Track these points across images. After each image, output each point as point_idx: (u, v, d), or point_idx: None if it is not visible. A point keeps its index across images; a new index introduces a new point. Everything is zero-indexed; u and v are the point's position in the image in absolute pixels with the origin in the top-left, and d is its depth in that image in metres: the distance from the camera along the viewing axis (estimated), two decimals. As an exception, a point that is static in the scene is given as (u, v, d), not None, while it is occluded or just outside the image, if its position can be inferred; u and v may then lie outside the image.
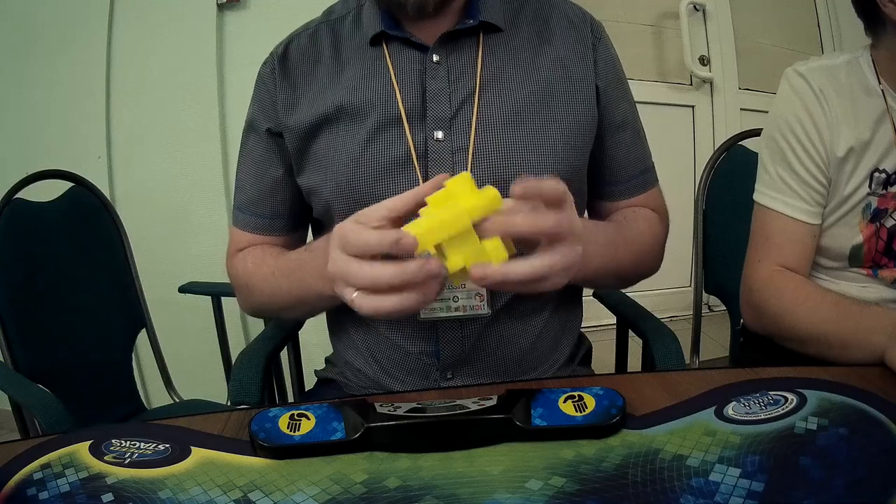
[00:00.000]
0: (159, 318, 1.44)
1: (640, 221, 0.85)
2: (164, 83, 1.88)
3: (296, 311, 0.84)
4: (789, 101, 0.87)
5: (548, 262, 0.57)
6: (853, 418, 0.56)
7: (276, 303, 0.83)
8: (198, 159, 1.91)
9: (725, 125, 2.59)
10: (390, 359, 0.84)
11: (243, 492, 0.53)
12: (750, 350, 1.00)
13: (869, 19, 0.85)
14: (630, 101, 0.87)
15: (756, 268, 0.89)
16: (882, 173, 0.84)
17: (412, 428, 0.57)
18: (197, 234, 1.94)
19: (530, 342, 0.83)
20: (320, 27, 0.85)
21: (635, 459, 0.54)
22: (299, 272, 0.77)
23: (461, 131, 0.78)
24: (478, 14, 0.79)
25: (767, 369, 0.67)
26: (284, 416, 0.60)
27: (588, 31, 0.83)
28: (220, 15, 1.87)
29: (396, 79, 0.79)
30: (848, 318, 0.78)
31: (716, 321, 1.77)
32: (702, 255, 1.26)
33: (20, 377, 1.05)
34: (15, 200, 1.18)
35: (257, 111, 0.85)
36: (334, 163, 0.79)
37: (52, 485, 0.54)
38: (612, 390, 0.61)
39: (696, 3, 2.49)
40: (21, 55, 1.86)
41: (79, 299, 1.27)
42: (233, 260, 0.89)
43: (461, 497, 0.51)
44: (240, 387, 0.91)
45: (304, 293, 0.77)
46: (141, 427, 0.64)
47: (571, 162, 0.80)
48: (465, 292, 0.77)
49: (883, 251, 0.86)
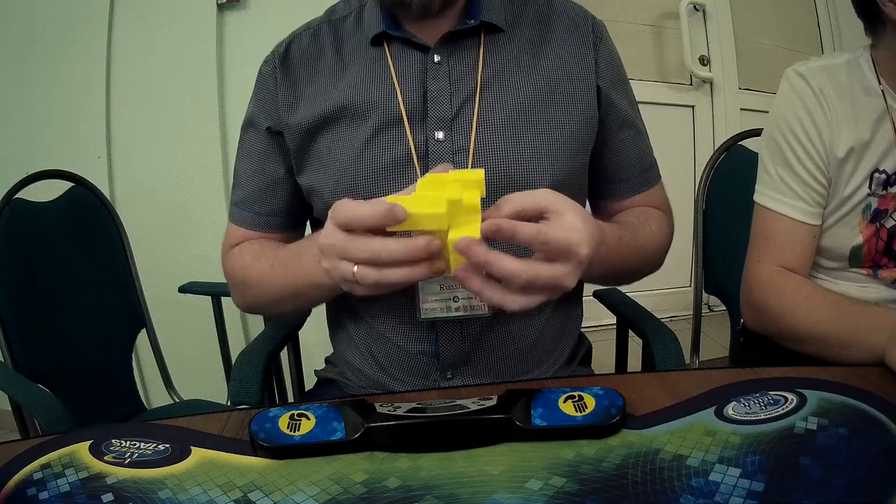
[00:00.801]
0: (159, 318, 1.44)
1: (652, 222, 0.85)
2: (164, 83, 1.88)
3: (290, 304, 0.84)
4: (789, 102, 0.87)
5: (533, 270, 0.58)
6: (853, 418, 0.56)
7: (271, 295, 0.82)
8: (198, 159, 1.91)
9: (725, 125, 2.59)
10: (390, 359, 0.84)
11: (243, 492, 0.53)
12: (750, 350, 1.00)
13: (869, 19, 0.85)
14: (631, 100, 0.87)
15: (756, 268, 0.89)
16: (882, 174, 0.84)
17: (412, 428, 0.57)
18: (197, 234, 1.94)
19: (530, 342, 0.83)
20: (322, 27, 0.85)
21: (635, 459, 0.54)
22: (297, 259, 0.77)
23: (462, 132, 0.78)
24: (479, 14, 0.79)
25: (767, 369, 0.67)
26: (284, 416, 0.60)
27: (589, 31, 0.83)
28: (220, 15, 1.87)
29: (397, 79, 0.79)
30: (848, 318, 0.78)
31: (716, 321, 1.77)
32: (702, 255, 1.26)
33: (20, 377, 1.05)
34: (15, 200, 1.18)
35: (257, 109, 0.85)
36: (335, 163, 0.79)
37: (52, 485, 0.54)
38: (612, 390, 0.61)
39: (696, 3, 2.49)
40: (21, 55, 1.86)
41: (79, 299, 1.27)
42: (229, 255, 0.88)
43: (461, 497, 0.51)
44: (240, 387, 0.91)
45: (300, 282, 0.77)
46: (141, 427, 0.64)
47: (572, 162, 0.80)
48: (465, 292, 0.77)
49: (883, 251, 0.86)
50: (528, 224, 0.57)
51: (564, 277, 0.59)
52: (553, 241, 0.58)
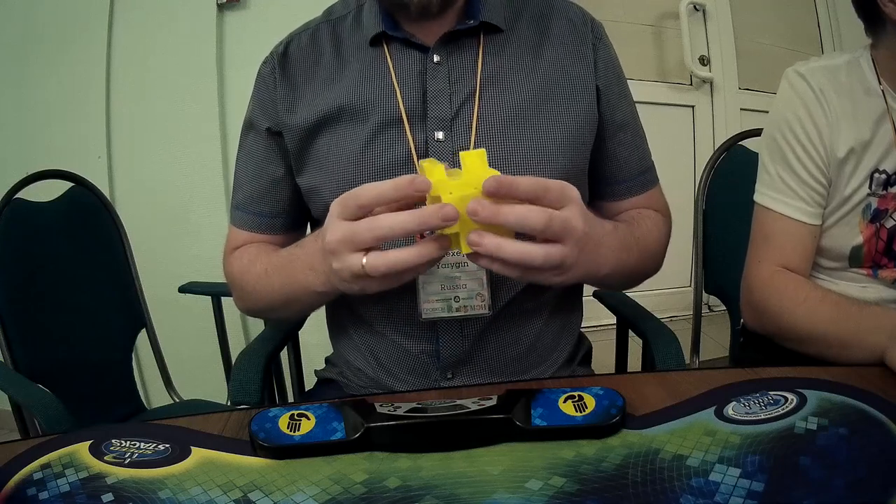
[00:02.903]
0: (159, 318, 1.44)
1: (650, 224, 0.85)
2: (164, 83, 1.88)
3: (286, 310, 0.83)
4: (789, 102, 0.87)
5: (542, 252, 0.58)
6: (853, 418, 0.56)
7: (266, 300, 0.82)
8: (198, 159, 1.91)
9: (725, 125, 2.59)
10: (391, 358, 0.84)
11: (243, 492, 0.53)
12: (750, 350, 1.00)
13: (869, 19, 0.85)
14: (630, 101, 0.87)
15: (756, 268, 0.89)
16: (882, 174, 0.84)
17: (412, 428, 0.57)
18: (197, 234, 1.94)
19: (530, 342, 0.83)
20: (321, 27, 0.85)
21: (635, 459, 0.54)
22: (289, 267, 0.76)
23: (462, 132, 0.78)
24: (478, 14, 0.79)
25: (767, 369, 0.67)
26: (284, 416, 0.60)
27: (588, 32, 0.83)
28: (220, 15, 1.87)
29: (397, 79, 0.79)
30: (848, 318, 0.78)
31: (716, 321, 1.77)
32: (702, 255, 1.26)
33: (20, 377, 1.05)
34: (15, 200, 1.18)
35: (257, 110, 0.85)
36: (334, 163, 0.79)
37: (52, 485, 0.54)
38: (612, 390, 0.61)
39: (696, 3, 2.49)
40: (21, 55, 1.86)
41: (79, 299, 1.27)
42: (229, 258, 0.88)
43: (461, 497, 0.51)
44: (240, 387, 0.91)
45: (293, 289, 0.76)
46: (141, 427, 0.64)
47: (572, 162, 0.80)
48: (465, 292, 0.77)
49: (883, 251, 0.86)
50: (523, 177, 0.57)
51: (573, 218, 0.59)
52: (551, 185, 0.58)
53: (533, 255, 0.58)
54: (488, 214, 0.55)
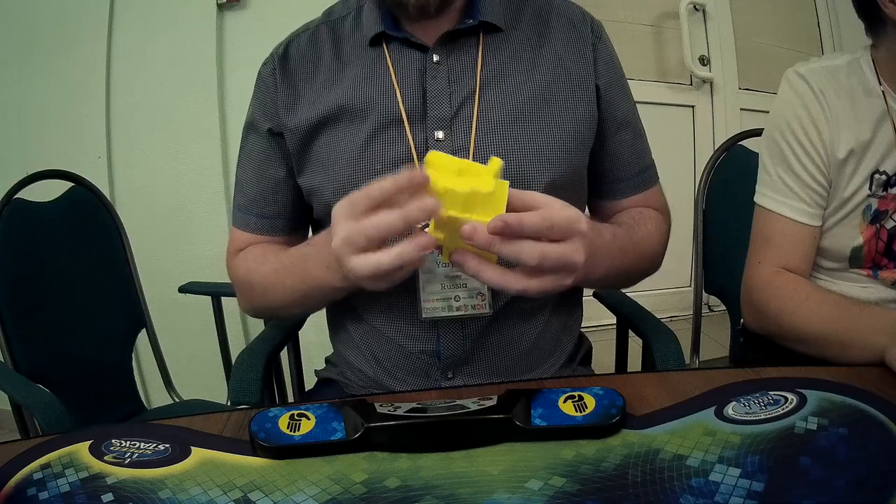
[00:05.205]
0: (159, 318, 1.44)
1: (650, 226, 0.85)
2: (164, 83, 1.88)
3: (299, 308, 0.84)
4: (789, 102, 0.87)
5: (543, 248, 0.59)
6: (853, 418, 0.56)
7: (278, 300, 0.83)
8: (198, 159, 1.91)
9: (725, 125, 2.59)
10: (391, 358, 0.84)
11: (243, 492, 0.53)
12: (750, 350, 1.00)
13: (869, 20, 0.85)
14: (630, 100, 0.87)
15: (757, 269, 0.89)
16: (882, 175, 0.84)
17: (412, 428, 0.57)
18: (197, 234, 1.94)
19: (531, 342, 0.83)
20: (320, 27, 0.85)
21: (635, 459, 0.54)
22: (302, 265, 0.77)
23: (461, 131, 0.78)
24: (478, 14, 0.79)
25: (767, 369, 0.67)
26: (284, 416, 0.60)
27: (588, 31, 0.83)
28: (220, 15, 1.87)
29: (397, 79, 0.79)
30: (848, 318, 0.78)
31: (716, 321, 1.77)
32: (702, 255, 1.26)
33: (20, 377, 1.05)
34: (15, 200, 1.18)
35: (257, 111, 0.85)
36: (335, 163, 0.79)
37: (52, 485, 0.54)
38: (612, 390, 0.61)
39: (696, 3, 2.49)
40: (21, 55, 1.86)
41: (79, 299, 1.27)
42: (233, 260, 0.89)
43: (461, 497, 0.51)
44: (240, 387, 0.91)
45: (309, 287, 0.77)
46: (141, 427, 0.64)
47: (571, 161, 0.80)
48: (466, 291, 0.77)
49: (883, 252, 0.86)
50: (531, 213, 0.59)
51: (573, 253, 0.61)
52: (557, 220, 0.60)
53: (511, 285, 0.61)
54: (482, 243, 0.57)
